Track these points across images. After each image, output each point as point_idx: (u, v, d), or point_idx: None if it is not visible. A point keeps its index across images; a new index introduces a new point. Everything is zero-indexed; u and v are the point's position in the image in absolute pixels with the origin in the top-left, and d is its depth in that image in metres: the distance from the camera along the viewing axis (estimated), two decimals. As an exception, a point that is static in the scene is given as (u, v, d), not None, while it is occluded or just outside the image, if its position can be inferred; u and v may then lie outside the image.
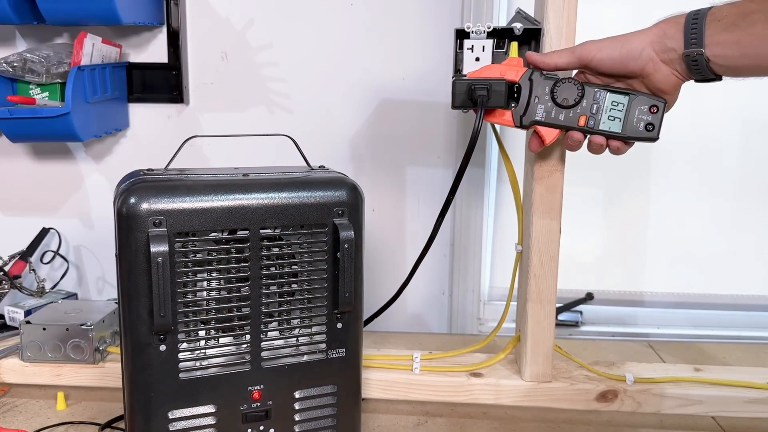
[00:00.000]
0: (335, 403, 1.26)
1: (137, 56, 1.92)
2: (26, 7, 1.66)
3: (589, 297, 2.06)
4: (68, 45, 1.81)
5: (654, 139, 1.22)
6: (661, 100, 1.20)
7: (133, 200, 1.08)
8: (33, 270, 1.89)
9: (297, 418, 1.24)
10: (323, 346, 1.23)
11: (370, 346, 1.64)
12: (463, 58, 1.37)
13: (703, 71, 1.13)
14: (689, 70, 1.14)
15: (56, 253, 1.98)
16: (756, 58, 1.09)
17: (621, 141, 1.23)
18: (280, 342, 1.21)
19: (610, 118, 1.22)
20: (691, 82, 1.17)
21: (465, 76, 1.27)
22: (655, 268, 2.06)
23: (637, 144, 1.24)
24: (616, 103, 1.22)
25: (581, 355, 1.62)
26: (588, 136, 1.23)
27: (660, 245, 2.04)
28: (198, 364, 1.17)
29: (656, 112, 1.20)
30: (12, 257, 1.88)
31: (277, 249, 1.19)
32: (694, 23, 1.12)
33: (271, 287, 1.19)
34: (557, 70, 1.25)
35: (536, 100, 1.25)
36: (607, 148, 1.24)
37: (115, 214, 1.10)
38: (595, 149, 1.24)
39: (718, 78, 1.14)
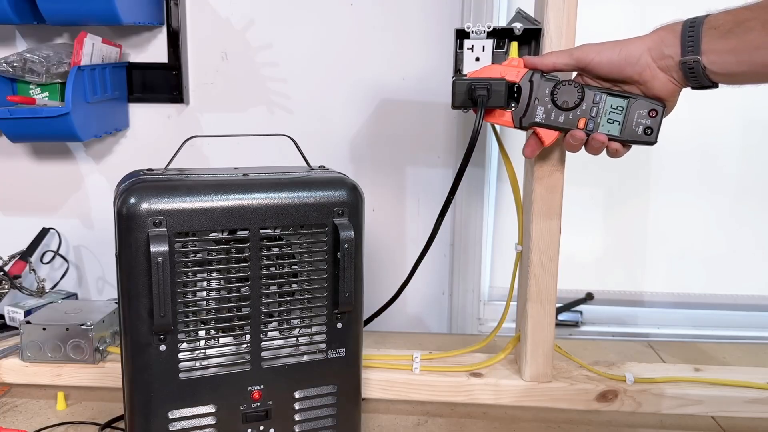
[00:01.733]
0: (335, 403, 1.26)
1: (137, 56, 1.92)
2: (26, 7, 1.66)
3: (589, 297, 2.06)
4: (68, 45, 1.81)
5: (652, 143, 1.22)
6: (660, 104, 1.20)
7: (133, 200, 1.08)
8: (33, 270, 1.89)
9: (297, 418, 1.24)
10: (323, 346, 1.23)
11: (370, 346, 1.64)
12: (463, 58, 1.37)
13: (700, 79, 1.13)
14: (686, 77, 1.14)
15: (56, 253, 1.98)
16: (751, 66, 1.09)
17: (619, 143, 1.23)
18: (280, 342, 1.21)
19: (609, 121, 1.22)
20: (691, 84, 1.18)
21: (465, 76, 1.27)
22: (655, 268, 2.06)
23: (635, 146, 1.24)
24: (615, 107, 1.22)
25: (581, 355, 1.62)
26: (589, 135, 1.24)
27: (660, 245, 2.04)
28: (198, 364, 1.17)
29: (655, 116, 1.20)
30: (12, 257, 1.88)
31: (277, 249, 1.19)
32: (691, 31, 1.12)
33: (271, 287, 1.19)
34: (555, 71, 1.25)
35: (536, 102, 1.25)
36: (605, 150, 1.24)
37: (115, 214, 1.10)
38: (595, 149, 1.24)
39: (715, 85, 1.15)
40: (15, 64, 1.70)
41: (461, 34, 1.37)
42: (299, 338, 1.23)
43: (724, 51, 1.10)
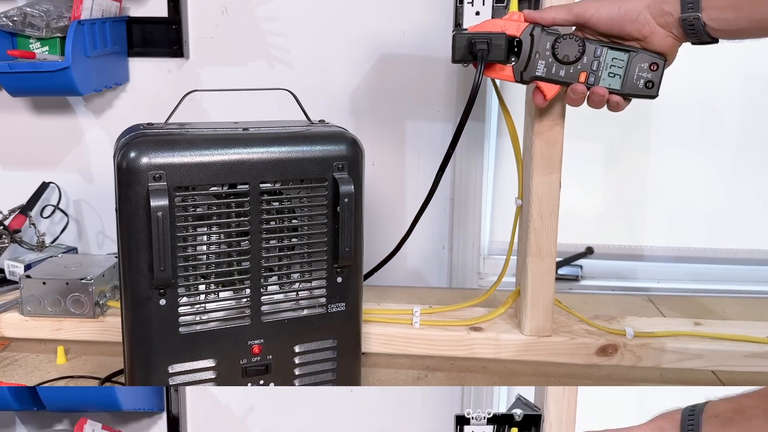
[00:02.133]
0: (335, 357, 1.27)
1: (137, 10, 1.90)
2: (25, -39, 1.65)
3: (589, 251, 2.06)
4: (67, -1, 1.80)
5: (653, 97, 1.22)
6: (661, 57, 1.20)
7: (133, 154, 1.08)
8: (33, 224, 1.88)
9: (297, 372, 1.25)
10: (323, 300, 1.24)
11: (370, 300, 1.64)
12: (463, 12, 1.36)
13: (700, 35, 1.13)
14: (686, 33, 1.14)
15: (56, 207, 1.98)
16: (752, 21, 1.09)
17: (620, 97, 1.23)
18: (280, 296, 1.22)
19: (610, 74, 1.22)
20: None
21: (465, 30, 1.26)
22: (656, 222, 2.06)
23: (636, 99, 1.24)
24: (616, 60, 1.21)
25: (581, 309, 1.62)
26: (590, 89, 1.23)
27: (660, 199, 2.04)
28: (198, 318, 1.17)
29: (656, 69, 1.20)
30: (12, 211, 1.88)
31: (276, 203, 1.19)
32: None
33: (271, 241, 1.20)
34: (554, 25, 1.24)
35: (537, 56, 1.24)
36: (606, 104, 1.24)
37: (115, 169, 1.09)
38: (596, 101, 1.23)
39: (714, 41, 1.14)
40: (15, 19, 1.69)
41: (461, -13, 1.36)
42: (299, 292, 1.23)
43: (725, 7, 1.09)
